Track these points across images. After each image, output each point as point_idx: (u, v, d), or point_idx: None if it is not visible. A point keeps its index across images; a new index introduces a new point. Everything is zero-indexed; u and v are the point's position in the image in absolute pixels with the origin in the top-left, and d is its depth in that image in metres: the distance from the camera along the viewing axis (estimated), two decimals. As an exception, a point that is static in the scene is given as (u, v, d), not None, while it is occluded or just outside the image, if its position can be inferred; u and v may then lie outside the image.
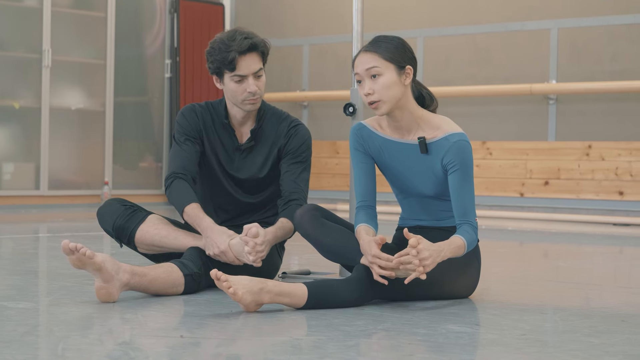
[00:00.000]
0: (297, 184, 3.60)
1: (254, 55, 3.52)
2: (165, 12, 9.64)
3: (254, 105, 3.58)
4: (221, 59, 3.51)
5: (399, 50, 3.20)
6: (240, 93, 3.54)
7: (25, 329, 2.64)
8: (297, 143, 3.64)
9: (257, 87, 3.54)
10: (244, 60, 3.50)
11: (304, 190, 3.61)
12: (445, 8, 8.95)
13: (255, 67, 3.53)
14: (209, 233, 3.38)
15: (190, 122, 3.64)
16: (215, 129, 3.66)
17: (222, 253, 3.33)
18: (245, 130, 3.68)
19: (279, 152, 3.65)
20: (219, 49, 3.51)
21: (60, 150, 8.79)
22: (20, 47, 8.60)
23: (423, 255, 2.97)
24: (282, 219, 3.51)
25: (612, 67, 8.08)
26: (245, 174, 3.67)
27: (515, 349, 2.49)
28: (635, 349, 2.52)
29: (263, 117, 3.66)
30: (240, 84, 3.53)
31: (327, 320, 2.86)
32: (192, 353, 2.40)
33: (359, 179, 3.32)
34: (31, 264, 4.35)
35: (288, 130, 3.65)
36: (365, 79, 3.20)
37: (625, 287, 4.01)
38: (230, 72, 3.52)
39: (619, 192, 7.93)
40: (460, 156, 3.18)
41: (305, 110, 9.71)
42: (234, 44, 3.48)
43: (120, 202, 3.65)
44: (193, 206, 3.46)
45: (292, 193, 3.58)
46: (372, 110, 3.22)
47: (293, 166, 3.62)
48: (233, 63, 3.49)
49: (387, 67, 3.18)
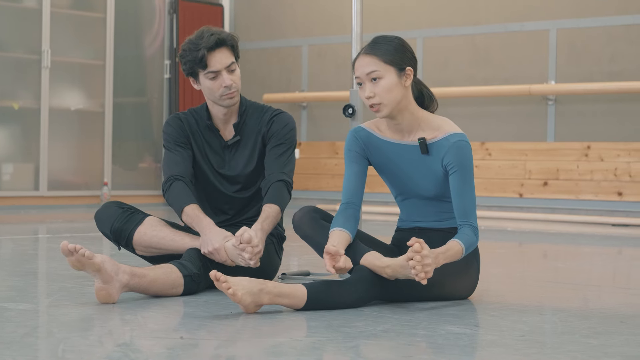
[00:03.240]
0: (279, 164, 3.61)
1: (223, 50, 3.56)
2: (164, 13, 9.64)
3: (232, 99, 3.60)
4: (192, 59, 3.55)
5: (398, 52, 3.20)
6: (217, 89, 3.57)
7: (25, 331, 2.65)
8: (278, 126, 3.66)
9: (232, 80, 3.57)
10: (214, 56, 3.54)
11: (286, 171, 3.60)
12: (445, 9, 8.96)
13: (227, 61, 3.56)
14: (207, 231, 3.40)
15: (176, 129, 3.67)
16: (200, 132, 3.69)
17: (215, 251, 3.35)
18: (229, 129, 3.70)
19: (263, 140, 3.67)
20: (189, 50, 3.56)
21: (59, 151, 8.79)
22: (20, 47, 8.60)
23: (427, 261, 2.97)
24: (265, 206, 3.50)
25: (610, 67, 8.09)
26: (235, 170, 3.68)
27: (514, 350, 2.49)
28: (633, 350, 2.53)
29: (245, 112, 3.70)
30: (215, 80, 3.56)
31: (327, 321, 2.86)
32: (191, 354, 2.40)
33: (349, 179, 3.32)
34: (31, 265, 4.35)
35: (270, 118, 3.68)
36: (365, 82, 3.20)
37: (624, 288, 4.01)
38: (203, 70, 3.56)
39: (617, 192, 7.94)
40: (460, 157, 3.19)
41: (304, 111, 9.72)
42: (202, 42, 3.53)
43: (117, 205, 3.66)
44: (192, 207, 3.47)
45: (273, 174, 3.58)
46: (373, 112, 3.23)
47: (275, 148, 3.64)
48: (204, 60, 3.53)
49: (387, 70, 3.18)
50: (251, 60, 10.12)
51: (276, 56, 10.00)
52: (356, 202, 3.30)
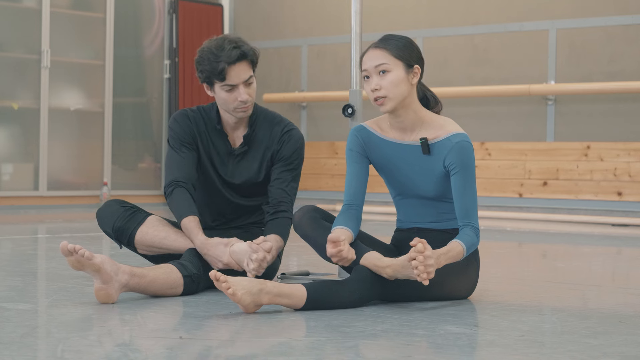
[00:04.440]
0: (286, 192, 3.58)
1: (243, 64, 3.50)
2: (164, 13, 9.65)
3: (246, 112, 3.56)
4: (210, 69, 3.48)
5: (408, 49, 3.22)
6: (232, 102, 3.52)
7: (25, 331, 2.65)
8: (290, 150, 3.62)
9: (248, 94, 3.52)
10: (233, 70, 3.47)
11: (292, 199, 3.60)
12: (444, 9, 8.96)
13: (245, 75, 3.50)
14: (206, 250, 3.37)
15: (183, 128, 3.61)
16: (208, 134, 3.64)
17: (227, 266, 3.34)
18: (238, 135, 3.66)
19: (272, 157, 3.64)
20: (207, 59, 3.48)
21: (59, 150, 8.79)
22: (19, 47, 8.60)
23: (429, 262, 2.97)
24: (275, 236, 3.47)
25: (610, 67, 8.09)
26: (240, 179, 3.65)
27: (513, 350, 2.49)
28: (632, 350, 2.53)
29: (256, 121, 3.64)
30: (231, 92, 3.51)
31: (326, 321, 2.86)
32: (191, 354, 2.40)
33: (351, 180, 3.32)
34: (30, 265, 4.35)
35: (282, 136, 3.63)
36: (373, 75, 3.21)
37: (623, 288, 4.01)
38: (220, 82, 3.49)
39: (617, 192, 7.94)
40: (462, 157, 3.19)
41: (304, 111, 9.72)
42: (222, 54, 3.46)
43: (119, 204, 3.65)
44: (190, 219, 3.44)
45: (281, 203, 3.55)
46: (377, 106, 3.23)
47: (284, 174, 3.60)
48: (223, 73, 3.46)
49: (396, 64, 3.20)
50: (251, 60, 10.11)
51: (276, 56, 10.00)
52: (358, 203, 3.31)
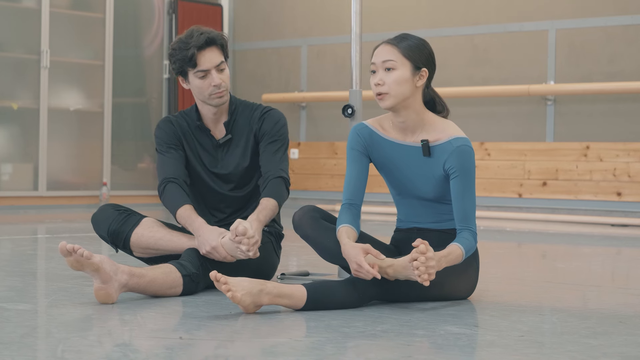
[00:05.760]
0: (275, 161, 3.63)
1: (213, 49, 3.59)
2: (163, 13, 9.64)
3: (222, 98, 3.63)
4: (182, 58, 3.58)
5: (419, 50, 3.22)
6: (206, 88, 3.60)
7: (25, 331, 2.65)
8: (270, 124, 3.68)
9: (221, 79, 3.60)
10: (203, 55, 3.57)
11: (281, 167, 3.63)
12: (444, 9, 8.96)
13: (216, 60, 3.59)
14: (200, 232, 3.40)
15: (168, 132, 3.69)
16: (192, 133, 3.71)
17: (214, 249, 3.35)
18: (220, 128, 3.72)
19: (255, 137, 3.69)
20: (179, 48, 3.59)
21: (58, 151, 8.79)
22: (19, 48, 8.60)
23: (431, 263, 2.97)
24: (263, 199, 3.53)
25: (609, 68, 8.09)
26: (228, 168, 3.69)
27: (513, 350, 2.49)
28: (632, 350, 2.53)
29: (235, 110, 3.72)
30: (204, 79, 3.59)
31: (326, 321, 2.86)
32: (191, 354, 2.40)
33: (351, 178, 3.33)
34: (30, 265, 4.35)
35: (261, 115, 3.70)
36: (379, 69, 3.22)
37: (623, 288, 4.01)
38: (192, 68, 3.58)
39: (617, 192, 7.94)
40: (462, 162, 3.19)
41: (304, 111, 9.72)
42: (192, 41, 3.56)
43: (113, 207, 3.66)
44: (185, 207, 3.48)
45: (270, 171, 3.60)
46: (378, 101, 3.23)
47: (269, 146, 3.66)
48: (193, 59, 3.56)
49: (403, 63, 3.20)
50: (250, 60, 10.12)
51: (275, 56, 10.00)
52: (357, 202, 3.31)
